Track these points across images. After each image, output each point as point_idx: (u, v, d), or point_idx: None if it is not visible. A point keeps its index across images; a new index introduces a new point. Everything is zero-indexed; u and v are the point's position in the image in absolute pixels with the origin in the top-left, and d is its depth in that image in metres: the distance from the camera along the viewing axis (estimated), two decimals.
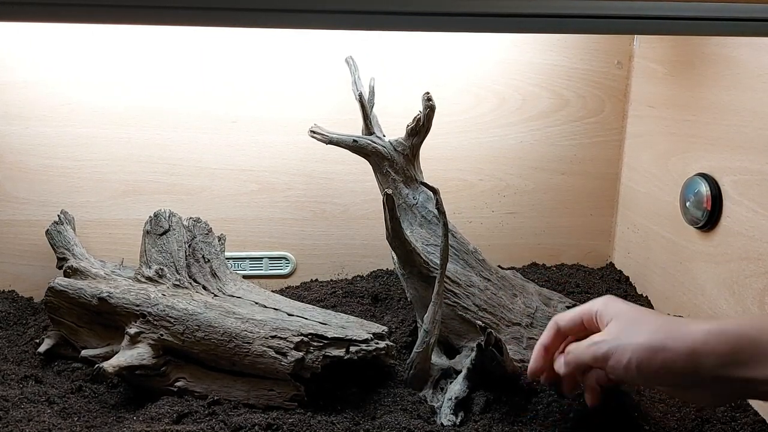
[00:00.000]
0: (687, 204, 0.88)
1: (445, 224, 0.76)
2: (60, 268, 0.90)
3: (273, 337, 0.74)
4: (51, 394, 0.75)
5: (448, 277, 0.82)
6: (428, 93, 0.85)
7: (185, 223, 0.90)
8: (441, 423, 0.71)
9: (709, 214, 0.84)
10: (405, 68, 1.02)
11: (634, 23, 0.53)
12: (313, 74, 1.01)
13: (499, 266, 0.95)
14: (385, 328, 0.81)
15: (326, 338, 0.74)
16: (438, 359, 0.81)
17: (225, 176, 1.03)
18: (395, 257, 0.84)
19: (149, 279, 0.83)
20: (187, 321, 0.76)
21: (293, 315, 0.80)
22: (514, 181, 1.09)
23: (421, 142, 0.88)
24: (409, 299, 0.87)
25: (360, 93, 0.89)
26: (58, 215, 0.95)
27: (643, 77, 1.04)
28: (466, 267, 0.86)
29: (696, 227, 0.88)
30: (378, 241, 1.04)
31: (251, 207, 1.05)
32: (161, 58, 0.98)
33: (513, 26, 0.53)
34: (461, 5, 0.47)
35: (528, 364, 0.72)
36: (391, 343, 0.80)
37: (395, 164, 0.87)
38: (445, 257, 0.76)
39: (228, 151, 1.03)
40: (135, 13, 0.48)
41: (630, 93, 1.07)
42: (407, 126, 0.86)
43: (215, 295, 0.84)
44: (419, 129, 0.86)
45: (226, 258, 0.93)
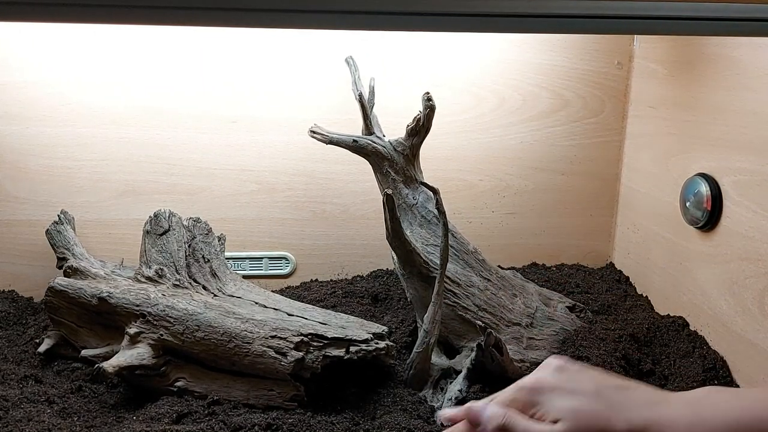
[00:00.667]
0: (687, 204, 0.88)
1: (445, 224, 0.76)
2: (60, 268, 0.90)
3: (273, 337, 0.74)
4: (51, 394, 0.75)
5: (448, 277, 0.82)
6: (428, 93, 0.85)
7: (185, 223, 0.90)
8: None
9: (709, 215, 0.84)
10: (405, 68, 1.02)
11: (634, 23, 0.53)
12: (313, 74, 1.01)
13: (499, 266, 0.95)
14: (385, 328, 0.81)
15: (326, 338, 0.74)
16: (438, 359, 0.81)
17: (225, 176, 1.03)
18: (395, 257, 0.84)
19: (149, 279, 0.83)
20: (187, 321, 0.76)
21: (293, 315, 0.80)
22: (514, 181, 1.09)
23: (421, 142, 0.88)
24: (409, 299, 0.87)
25: (360, 93, 0.89)
26: (58, 215, 0.95)
27: (643, 77, 1.04)
28: (466, 267, 0.86)
29: (696, 227, 0.88)
30: (378, 241, 1.04)
31: (251, 207, 1.05)
32: (161, 59, 0.98)
33: (513, 26, 0.53)
34: (461, 5, 0.47)
35: (527, 363, 0.71)
36: (391, 343, 0.80)
37: (395, 164, 0.87)
38: (445, 257, 0.76)
39: (228, 151, 1.02)
40: (135, 13, 0.48)
41: (630, 93, 1.07)
42: (407, 126, 0.86)
43: (215, 295, 0.84)
44: (419, 129, 0.86)
45: (226, 258, 0.93)
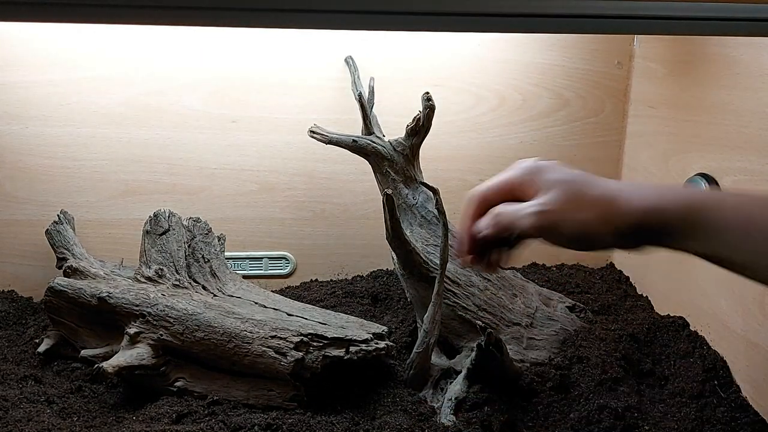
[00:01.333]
0: None
1: (445, 224, 0.76)
2: (60, 268, 0.90)
3: (273, 337, 0.74)
4: (50, 394, 0.75)
5: (448, 277, 0.82)
6: (428, 93, 0.85)
7: (185, 223, 0.90)
8: (441, 423, 0.71)
9: None
10: (405, 68, 1.02)
11: (634, 23, 0.53)
12: (313, 74, 1.01)
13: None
14: (385, 328, 0.81)
15: (326, 338, 0.74)
16: (438, 359, 0.81)
17: (225, 176, 1.03)
18: (395, 257, 0.84)
19: (149, 279, 0.83)
20: (187, 321, 0.76)
21: (293, 315, 0.80)
22: None
23: (421, 142, 0.88)
24: (409, 299, 0.87)
25: (360, 93, 0.89)
26: (58, 215, 0.95)
27: (643, 77, 1.04)
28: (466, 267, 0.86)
29: None
30: (378, 241, 1.04)
31: (251, 207, 1.05)
32: (161, 58, 0.98)
33: (513, 26, 0.53)
34: (461, 5, 0.47)
35: (527, 364, 0.71)
36: (391, 343, 0.80)
37: (395, 164, 0.87)
38: (445, 257, 0.76)
39: (228, 151, 1.02)
40: (135, 13, 0.48)
41: (630, 93, 1.07)
42: (407, 126, 0.86)
43: (215, 295, 0.84)
44: (419, 129, 0.86)
45: (226, 258, 0.93)
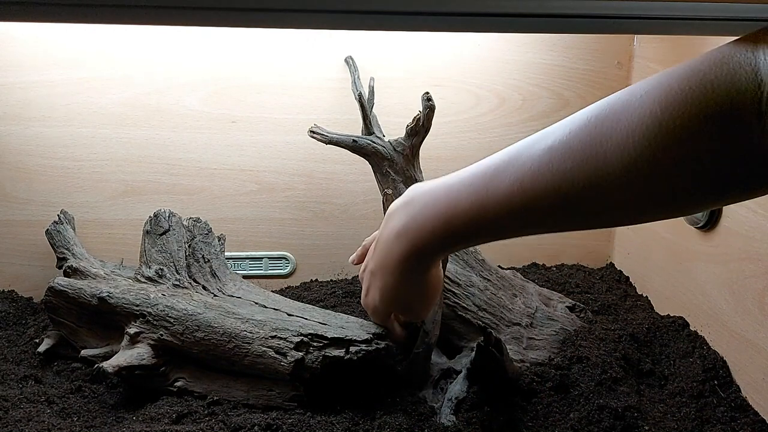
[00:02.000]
0: None
1: None
2: (60, 268, 0.90)
3: (273, 338, 0.74)
4: (50, 394, 0.75)
5: (448, 278, 0.82)
6: (428, 93, 0.85)
7: (185, 223, 0.90)
8: (441, 423, 0.71)
9: (709, 214, 0.84)
10: (405, 68, 1.02)
11: (634, 23, 0.53)
12: (313, 74, 1.01)
13: (499, 266, 0.94)
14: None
15: (326, 338, 0.74)
16: (438, 359, 0.81)
17: (225, 176, 1.03)
18: None
19: (149, 279, 0.83)
20: (187, 321, 0.76)
21: (293, 315, 0.80)
22: None
23: (421, 142, 0.88)
24: None
25: (360, 93, 0.89)
26: (58, 215, 0.95)
27: (643, 77, 1.03)
28: (466, 267, 0.86)
29: (696, 227, 0.88)
30: None
31: (251, 207, 1.05)
32: (161, 59, 0.98)
33: (513, 26, 0.53)
34: (461, 5, 0.47)
35: (527, 364, 0.72)
36: (391, 343, 0.79)
37: (395, 164, 0.87)
38: (445, 257, 0.76)
39: (228, 151, 1.02)
40: (135, 13, 0.48)
41: None
42: (407, 126, 0.86)
43: (215, 296, 0.84)
44: (419, 129, 0.86)
45: (226, 258, 0.93)
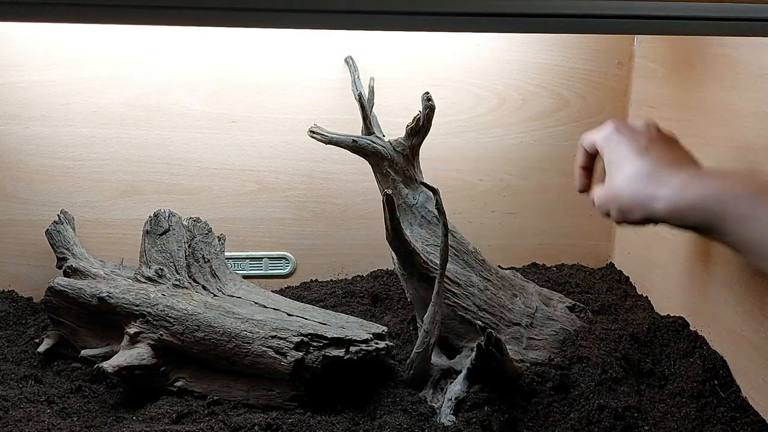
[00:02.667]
0: None
1: (445, 224, 0.76)
2: (60, 268, 0.90)
3: (273, 338, 0.74)
4: (50, 394, 0.75)
5: (448, 278, 0.82)
6: (428, 93, 0.85)
7: (185, 223, 0.90)
8: (441, 423, 0.71)
9: None
10: (405, 68, 1.02)
11: (634, 23, 0.53)
12: (313, 74, 1.01)
13: (499, 266, 0.94)
14: (385, 328, 0.81)
15: (326, 338, 0.74)
16: (438, 359, 0.81)
17: (225, 176, 1.03)
18: (395, 257, 0.84)
19: (149, 279, 0.83)
20: (187, 321, 0.76)
21: (293, 315, 0.80)
22: (514, 181, 1.09)
23: (421, 142, 0.88)
24: (409, 299, 0.87)
25: (360, 93, 0.89)
26: (58, 215, 0.95)
27: (643, 77, 1.04)
28: (466, 267, 0.86)
29: None
30: (378, 241, 1.04)
31: (251, 207, 1.05)
32: (161, 59, 0.98)
33: (513, 26, 0.53)
34: (461, 5, 0.47)
35: (527, 363, 0.71)
36: (391, 343, 0.80)
37: (395, 164, 0.87)
38: (445, 257, 0.76)
39: (228, 151, 1.02)
40: (135, 13, 0.48)
41: (630, 93, 1.07)
42: (407, 126, 0.86)
43: (215, 295, 0.84)
44: (419, 129, 0.86)
45: (226, 258, 0.93)
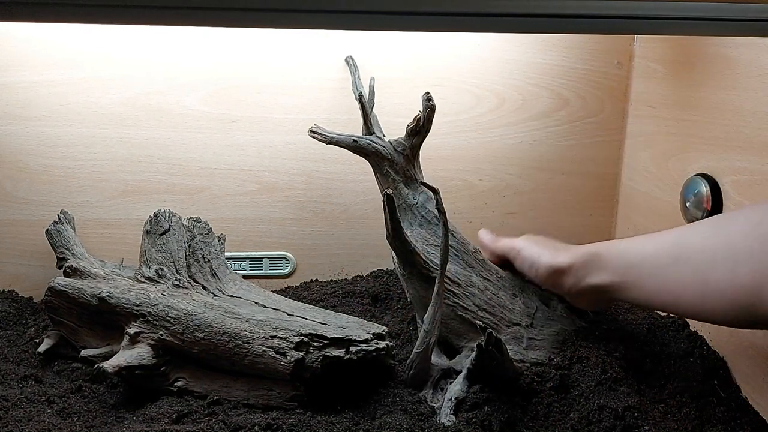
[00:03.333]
0: (687, 204, 0.88)
1: (445, 224, 0.76)
2: (60, 268, 0.90)
3: (273, 338, 0.74)
4: (51, 394, 0.75)
5: (448, 278, 0.82)
6: (428, 93, 0.85)
7: (185, 223, 0.90)
8: (441, 423, 0.71)
9: (709, 215, 0.84)
10: (405, 68, 1.02)
11: (634, 23, 0.53)
12: (313, 74, 1.01)
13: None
14: (385, 328, 0.81)
15: (326, 338, 0.74)
16: (438, 359, 0.81)
17: (225, 176, 1.03)
18: (395, 257, 0.84)
19: (149, 279, 0.83)
20: (187, 321, 0.76)
21: (293, 315, 0.80)
22: (514, 181, 1.09)
23: (421, 142, 0.88)
24: (409, 299, 0.87)
25: (360, 93, 0.89)
26: (58, 215, 0.95)
27: (643, 77, 1.04)
28: (466, 267, 0.86)
29: None
30: (378, 241, 1.04)
31: (251, 207, 1.05)
32: (161, 59, 0.98)
33: (513, 26, 0.53)
34: (461, 5, 0.47)
35: (527, 363, 0.72)
36: (391, 343, 0.80)
37: (395, 164, 0.87)
38: (445, 257, 0.76)
39: (228, 151, 1.02)
40: (135, 13, 0.48)
41: (630, 93, 1.07)
42: (407, 126, 0.86)
43: (215, 295, 0.84)
44: (419, 129, 0.86)
45: (226, 258, 0.93)
